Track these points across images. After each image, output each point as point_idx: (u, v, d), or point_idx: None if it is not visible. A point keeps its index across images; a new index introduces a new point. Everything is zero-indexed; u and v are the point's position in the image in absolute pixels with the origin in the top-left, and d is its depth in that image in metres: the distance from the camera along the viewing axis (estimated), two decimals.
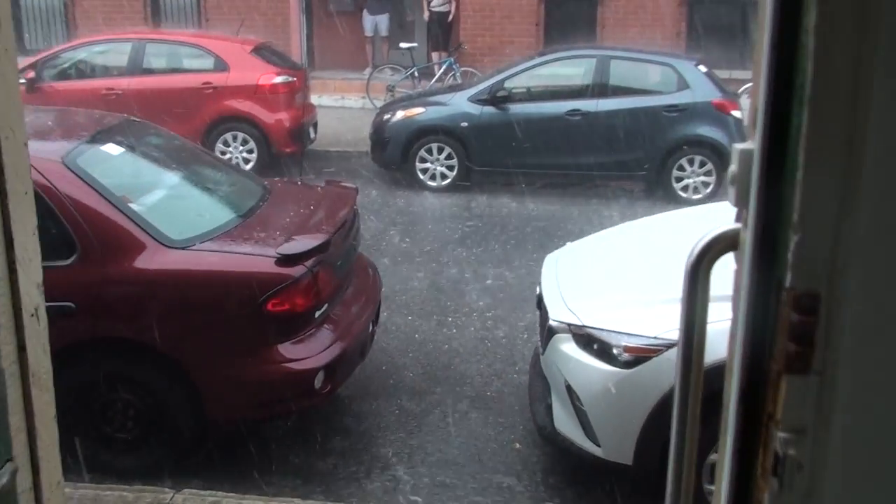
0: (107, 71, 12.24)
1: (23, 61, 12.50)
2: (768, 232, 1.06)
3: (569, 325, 4.61)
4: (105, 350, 4.65)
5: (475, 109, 11.02)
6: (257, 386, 4.63)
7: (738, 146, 1.11)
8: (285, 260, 4.62)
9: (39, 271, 1.39)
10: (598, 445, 4.45)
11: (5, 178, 1.26)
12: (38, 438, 1.39)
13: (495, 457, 5.14)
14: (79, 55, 12.34)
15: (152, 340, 4.56)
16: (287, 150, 11.60)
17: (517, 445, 5.27)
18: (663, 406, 4.21)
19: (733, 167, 1.13)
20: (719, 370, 1.32)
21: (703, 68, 11.10)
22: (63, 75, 12.10)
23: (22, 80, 11.61)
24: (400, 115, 11.40)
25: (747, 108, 1.28)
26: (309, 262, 4.68)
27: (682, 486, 1.36)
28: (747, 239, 1.10)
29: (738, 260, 1.16)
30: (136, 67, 11.90)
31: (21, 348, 1.32)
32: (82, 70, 12.31)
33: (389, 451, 5.16)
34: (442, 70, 16.08)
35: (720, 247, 1.24)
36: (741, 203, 1.12)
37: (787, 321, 1.02)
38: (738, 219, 1.18)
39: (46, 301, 4.38)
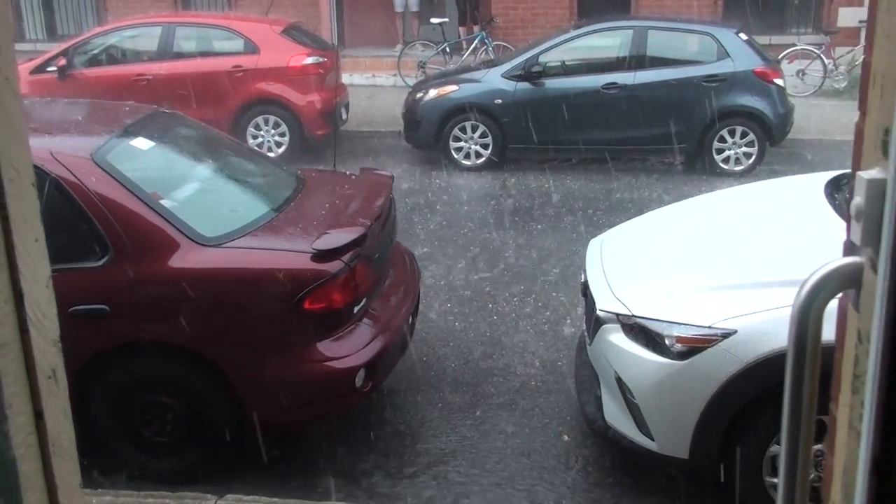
0: (137, 56, 12.13)
1: (54, 48, 12.47)
2: None
3: (617, 314, 4.43)
4: (141, 353, 4.53)
5: (509, 86, 10.79)
6: (297, 386, 4.50)
7: (865, 175, 0.93)
8: (321, 255, 4.47)
9: (56, 326, 1.24)
10: (652, 439, 4.29)
11: (11, 227, 1.10)
12: None
13: (543, 449, 4.99)
14: (109, 40, 12.24)
15: (188, 342, 4.44)
16: (319, 133, 11.45)
17: (565, 437, 5.11)
18: (719, 398, 4.04)
19: (859, 199, 0.95)
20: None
21: (743, 36, 10.79)
22: (94, 61, 12.01)
23: (53, 68, 11.59)
24: (433, 93, 11.20)
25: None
26: (346, 257, 4.53)
27: None
28: (879, 285, 0.92)
29: (864, 306, 0.99)
30: (166, 52, 11.78)
31: (38, 415, 1.18)
32: (113, 56, 12.22)
33: (433, 447, 5.02)
34: (473, 45, 15.81)
35: (835, 285, 1.06)
36: (870, 241, 0.94)
37: None
38: (846, 252, 1.01)
39: (80, 304, 4.31)
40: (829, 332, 1.13)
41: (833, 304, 1.13)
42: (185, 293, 4.44)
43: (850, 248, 1.02)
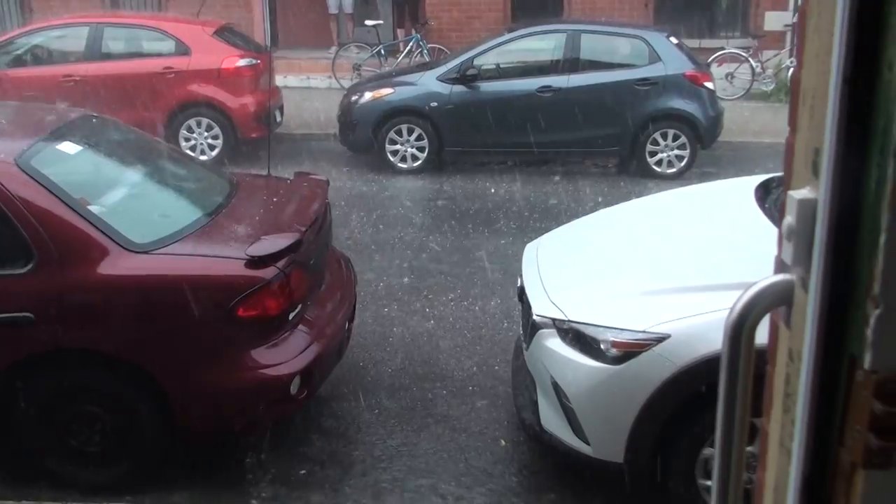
0: (64, 56, 11.85)
1: None
2: (838, 299, 0.88)
3: (553, 319, 4.44)
4: (68, 361, 4.42)
5: (444, 89, 10.80)
6: (230, 394, 4.42)
7: (796, 195, 0.93)
8: (255, 262, 4.40)
9: None
10: (588, 444, 4.30)
11: None
12: None
13: (480, 454, 4.98)
14: (34, 40, 11.95)
15: (118, 350, 4.34)
16: (253, 136, 11.32)
17: (503, 442, 5.11)
18: (654, 403, 4.08)
19: (790, 219, 0.94)
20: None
21: (673, 39, 10.95)
22: (19, 62, 11.72)
23: None
24: (368, 96, 11.15)
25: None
26: (280, 263, 4.46)
27: None
28: (810, 305, 0.92)
29: (795, 324, 0.99)
30: (94, 52, 11.53)
31: None
32: (39, 56, 11.93)
33: (369, 453, 4.98)
34: (409, 47, 15.79)
35: (767, 302, 1.06)
36: (801, 261, 0.94)
37: (866, 409, 0.85)
38: (778, 269, 1.01)
39: (2, 311, 4.18)
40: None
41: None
42: (114, 300, 4.35)
43: (781, 266, 1.02)
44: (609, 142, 10.69)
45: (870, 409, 0.84)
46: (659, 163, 10.72)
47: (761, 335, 1.12)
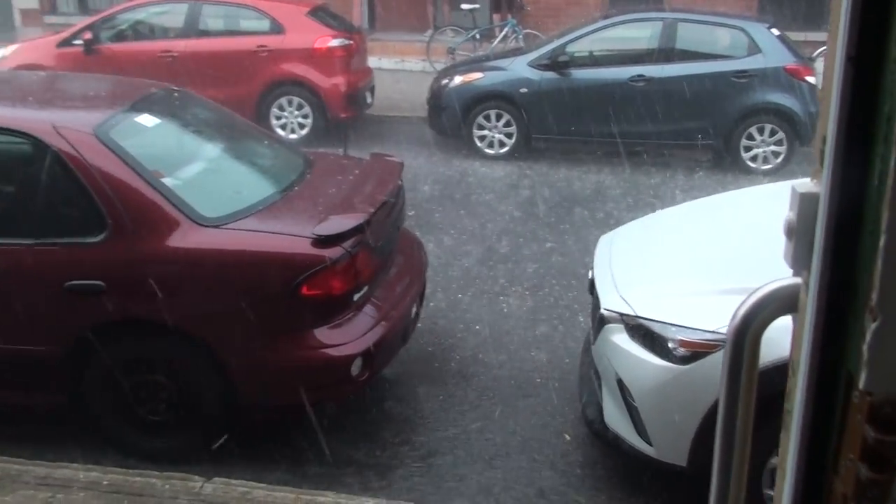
0: (164, 32, 12.09)
1: (82, 22, 12.47)
2: (836, 308, 0.77)
3: (621, 314, 4.31)
4: (136, 331, 4.49)
5: (535, 75, 10.65)
6: (291, 372, 4.42)
7: (799, 187, 0.82)
8: (322, 241, 4.39)
9: None
10: (651, 444, 4.17)
11: None
12: None
13: (543, 447, 4.88)
14: (137, 16, 12.21)
15: (183, 322, 4.38)
16: (343, 116, 11.36)
17: (567, 436, 5.00)
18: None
19: (791, 214, 0.84)
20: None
21: (775, 31, 10.55)
22: (120, 36, 11.99)
23: (79, 42, 11.56)
24: (458, 80, 11.08)
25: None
26: (347, 243, 4.44)
27: None
28: (808, 312, 0.81)
29: (795, 333, 0.88)
30: (191, 29, 11.74)
31: None
32: (140, 31, 12.18)
33: (430, 439, 4.93)
34: (504, 32, 15.65)
35: (773, 308, 0.95)
36: (800, 263, 0.84)
37: (859, 435, 0.74)
38: (797, 272, 0.90)
39: (76, 278, 4.26)
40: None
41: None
42: (181, 273, 4.38)
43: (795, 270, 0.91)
44: (702, 135, 10.39)
45: (863, 434, 0.73)
46: (754, 158, 10.37)
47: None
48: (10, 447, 4.61)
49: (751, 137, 10.34)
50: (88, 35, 11.65)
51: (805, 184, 0.82)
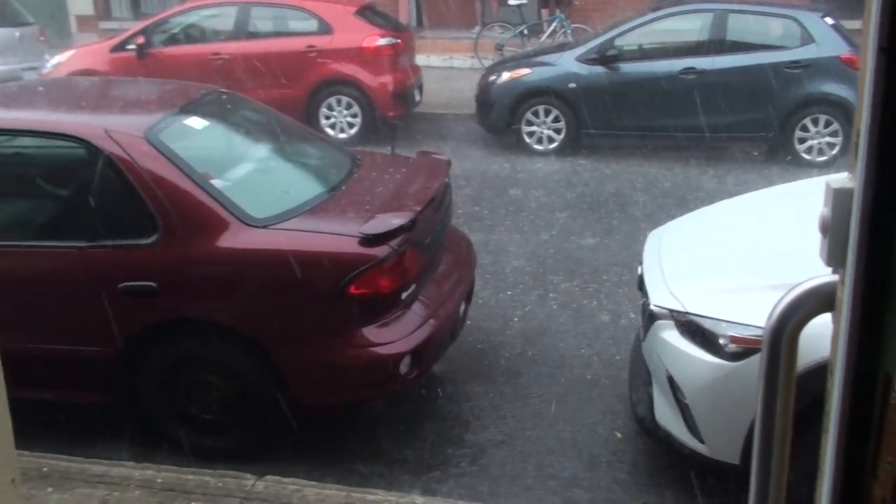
0: (214, 35, 12.25)
1: (134, 26, 12.67)
2: (873, 306, 0.75)
3: (671, 310, 4.25)
4: (188, 331, 4.54)
5: (583, 69, 10.58)
6: (340, 370, 4.45)
7: (833, 182, 0.80)
8: (369, 240, 4.40)
9: None
10: (703, 442, 4.11)
11: None
12: None
13: (593, 445, 4.85)
14: (188, 20, 12.37)
15: (234, 322, 4.43)
16: (391, 114, 11.39)
17: (618, 435, 4.95)
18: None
19: (825, 210, 0.81)
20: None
21: (829, 20, 10.34)
22: (172, 40, 12.16)
23: (132, 46, 11.75)
24: (506, 76, 11.05)
25: None
26: (394, 242, 4.45)
27: None
28: (844, 311, 0.79)
29: (833, 332, 0.86)
30: (241, 31, 11.87)
31: None
32: (191, 35, 12.35)
33: (481, 438, 4.92)
34: (551, 27, 15.56)
35: (810, 307, 0.93)
36: (835, 260, 0.81)
37: None
38: (833, 270, 0.87)
39: (129, 280, 4.33)
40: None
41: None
42: (231, 273, 4.43)
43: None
44: (755, 127, 10.23)
45: None
46: (809, 150, 10.19)
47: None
48: (69, 446, 4.71)
49: (805, 129, 10.15)
50: (141, 39, 11.84)
51: (840, 179, 0.80)
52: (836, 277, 0.87)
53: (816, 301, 0.92)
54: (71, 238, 4.60)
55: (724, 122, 10.23)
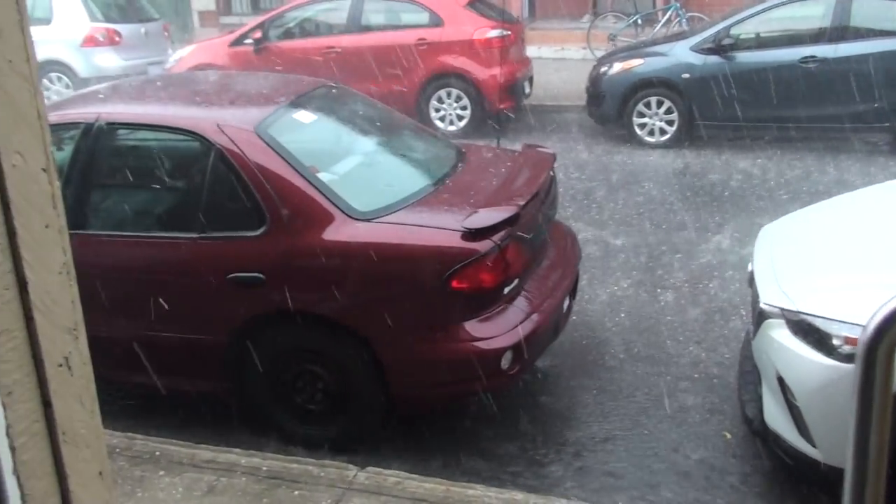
0: (328, 29, 12.42)
1: (252, 21, 12.98)
2: None
3: (782, 309, 4.11)
4: (294, 322, 4.62)
5: (698, 59, 10.33)
6: (441, 364, 4.45)
7: None
8: (471, 234, 4.39)
9: (72, 314, 1.21)
10: (815, 446, 3.96)
11: (13, 213, 1.07)
12: (74, 502, 1.23)
13: (700, 446, 4.73)
14: (303, 14, 12.60)
15: (337, 314, 4.48)
16: (501, 107, 11.35)
17: (728, 435, 4.81)
18: (894, 406, 3.67)
19: None
20: None
21: None
22: (288, 34, 12.40)
23: (250, 41, 12.04)
24: (617, 67, 10.88)
25: None
26: (497, 236, 4.42)
27: None
28: None
29: None
30: (354, 25, 12.02)
31: (47, 404, 1.15)
32: (306, 28, 12.57)
33: (583, 435, 4.86)
34: (667, 16, 15.24)
35: None
36: None
37: None
38: None
39: (238, 271, 4.44)
40: None
41: None
42: (334, 266, 4.48)
43: None
44: (880, 117, 9.80)
45: None
46: None
47: None
48: (179, 431, 4.86)
49: None
50: (258, 34, 12.12)
51: None
52: None
53: None
54: (184, 229, 4.74)
55: (847, 112, 9.84)
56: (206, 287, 4.64)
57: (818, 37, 10.09)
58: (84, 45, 13.76)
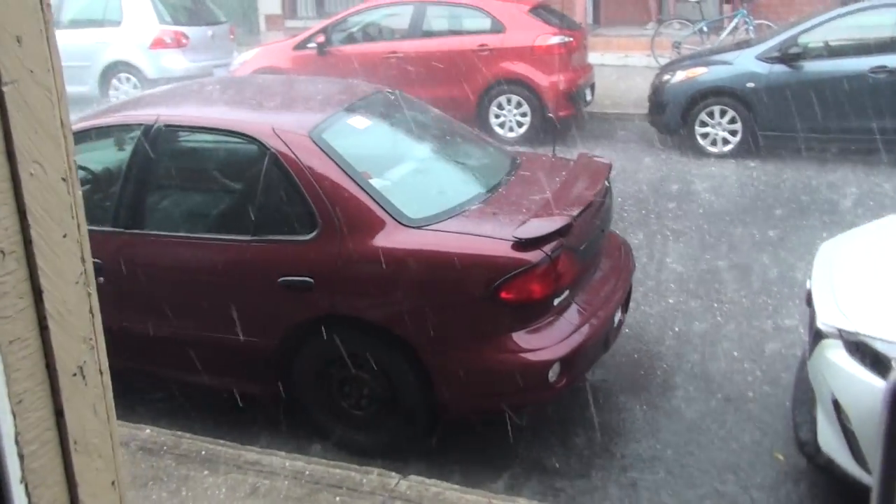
0: (390, 34, 12.48)
1: (316, 25, 13.10)
2: None
3: (839, 329, 3.99)
4: (342, 327, 4.62)
5: (763, 68, 10.13)
6: (488, 375, 4.41)
7: None
8: (522, 244, 4.35)
9: (89, 323, 1.20)
10: (870, 473, 3.83)
11: (29, 223, 1.07)
12: None
13: (751, 467, 4.62)
14: (366, 18, 12.68)
15: (385, 321, 4.48)
16: (561, 114, 11.28)
17: (780, 457, 4.69)
18: None
19: None
20: None
21: None
22: (350, 39, 12.47)
23: (313, 45, 12.14)
24: (680, 75, 10.73)
25: None
26: (548, 247, 4.37)
27: None
28: None
29: None
30: (416, 30, 12.05)
31: (59, 413, 1.15)
32: (368, 33, 12.63)
33: (631, 451, 4.78)
34: (733, 24, 15.00)
35: None
36: None
37: None
38: None
39: (288, 274, 4.46)
40: None
41: None
42: (384, 272, 4.47)
43: None
44: None
45: None
46: None
47: None
48: (226, 432, 4.90)
49: None
50: (321, 38, 12.22)
51: None
52: None
53: None
54: (237, 231, 4.78)
55: None
56: (257, 290, 4.67)
57: (889, 46, 9.83)
58: (152, 46, 14.02)
